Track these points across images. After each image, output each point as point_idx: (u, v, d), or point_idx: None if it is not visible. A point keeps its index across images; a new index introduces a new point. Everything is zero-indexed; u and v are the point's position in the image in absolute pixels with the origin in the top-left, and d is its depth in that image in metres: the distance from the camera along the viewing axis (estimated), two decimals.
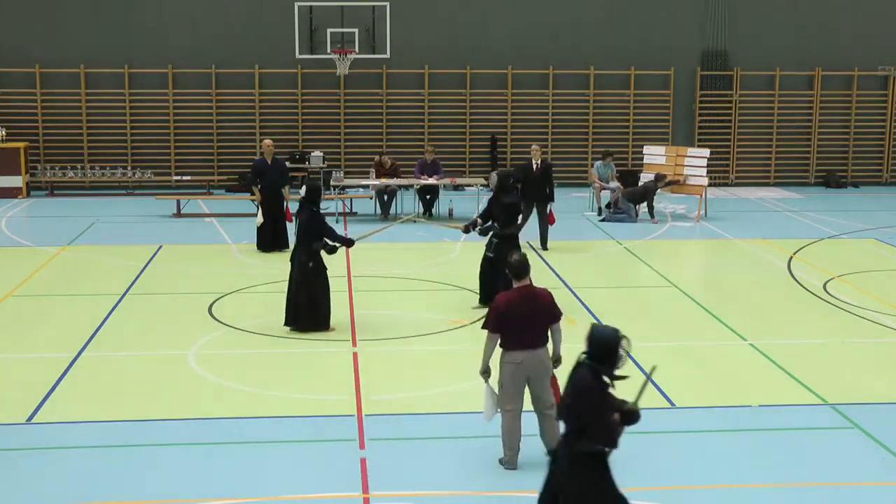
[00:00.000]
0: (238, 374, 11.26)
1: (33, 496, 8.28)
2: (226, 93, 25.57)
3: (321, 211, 12.93)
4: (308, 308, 12.69)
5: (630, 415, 6.57)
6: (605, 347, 6.54)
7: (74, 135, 25.37)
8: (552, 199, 18.06)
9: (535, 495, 7.02)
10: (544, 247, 17.99)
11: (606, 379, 6.54)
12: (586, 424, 6.50)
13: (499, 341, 8.71)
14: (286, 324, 12.83)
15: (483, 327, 8.81)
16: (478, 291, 14.21)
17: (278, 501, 8.23)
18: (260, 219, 17.66)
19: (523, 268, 8.81)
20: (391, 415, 10.04)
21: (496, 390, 8.89)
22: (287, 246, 17.61)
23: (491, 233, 13.91)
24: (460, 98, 25.98)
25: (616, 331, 6.60)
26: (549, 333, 8.79)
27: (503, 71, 25.90)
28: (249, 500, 8.19)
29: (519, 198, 14.04)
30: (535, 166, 18.24)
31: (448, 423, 9.87)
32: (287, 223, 17.68)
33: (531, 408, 8.90)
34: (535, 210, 18.02)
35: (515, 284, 8.84)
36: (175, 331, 12.95)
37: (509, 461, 8.83)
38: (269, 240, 17.73)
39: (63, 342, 12.36)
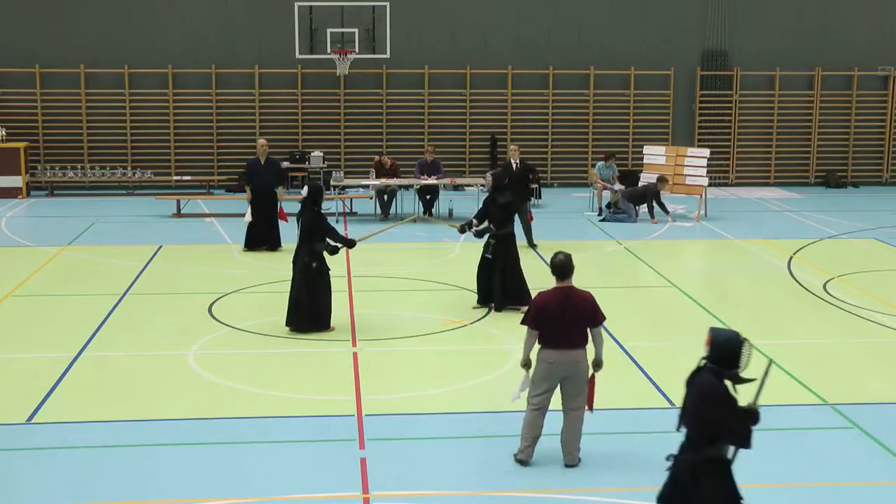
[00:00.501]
0: (238, 374, 11.26)
1: (33, 496, 8.28)
2: (226, 93, 25.56)
3: (323, 211, 12.92)
4: (310, 308, 12.68)
5: (752, 414, 6.58)
6: (728, 350, 6.53)
7: (74, 135, 25.37)
8: (529, 198, 18.35)
9: (536, 495, 7.02)
10: (532, 244, 18.06)
11: (727, 382, 6.54)
12: (719, 429, 6.47)
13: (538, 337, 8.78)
14: (287, 324, 12.83)
15: (522, 323, 8.91)
16: (475, 291, 14.23)
17: (278, 501, 8.23)
18: (248, 217, 17.69)
19: (565, 268, 8.87)
20: (391, 415, 10.04)
21: (530, 378, 8.94)
22: (279, 245, 17.65)
23: (488, 234, 13.93)
24: (460, 98, 25.98)
25: (737, 333, 6.60)
26: (591, 336, 8.79)
27: (503, 71, 25.89)
28: (249, 500, 8.19)
29: (513, 198, 14.05)
30: (514, 165, 18.47)
31: (448, 423, 9.87)
32: (282, 223, 17.67)
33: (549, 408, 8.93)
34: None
35: (557, 284, 8.89)
36: (175, 331, 12.95)
37: (522, 451, 8.82)
38: (258, 238, 17.70)
39: (63, 342, 12.36)
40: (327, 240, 12.70)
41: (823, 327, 13.45)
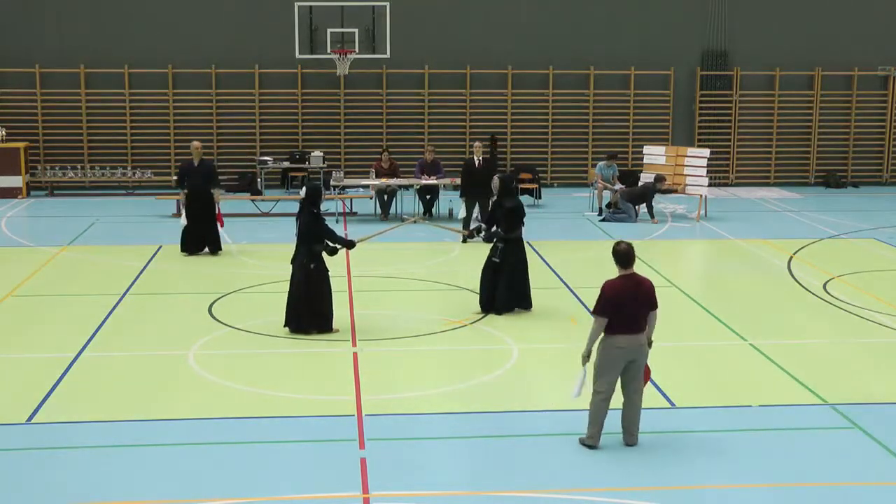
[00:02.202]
0: (238, 374, 11.26)
1: (33, 496, 8.28)
2: (226, 93, 25.57)
3: (321, 212, 12.89)
4: (309, 309, 12.66)
5: None
6: None
7: (74, 135, 25.37)
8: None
9: (535, 495, 7.01)
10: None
11: None
12: None
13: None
14: (286, 324, 12.81)
15: (592, 313, 9.15)
16: (476, 292, 14.10)
17: (278, 501, 8.23)
18: (183, 220, 17.55)
19: (629, 256, 9.16)
20: (391, 415, 10.04)
21: (590, 372, 9.17)
22: (219, 248, 17.64)
23: (496, 238, 13.81)
24: (460, 98, 25.98)
25: None
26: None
27: (503, 71, 25.90)
28: (249, 500, 8.20)
29: (521, 202, 13.94)
30: (477, 162, 18.71)
31: (448, 423, 9.86)
32: (219, 226, 17.63)
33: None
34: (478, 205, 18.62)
35: (620, 272, 9.18)
36: (175, 331, 12.95)
37: (591, 437, 9.11)
38: (194, 242, 17.56)
39: (63, 342, 12.36)
40: (326, 241, 12.68)
41: (823, 327, 13.45)
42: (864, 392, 10.83)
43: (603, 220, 21.36)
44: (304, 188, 12.89)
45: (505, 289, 13.61)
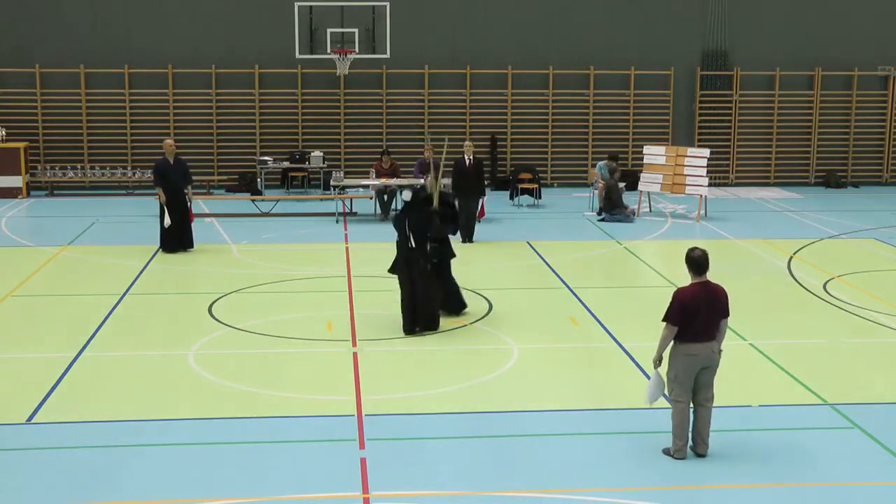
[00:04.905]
0: (238, 374, 11.26)
1: (33, 496, 8.28)
2: (226, 93, 25.57)
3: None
4: (430, 305, 12.83)
5: None
6: None
7: (74, 135, 25.38)
8: (483, 194, 19.51)
9: (535, 495, 7.01)
10: (470, 239, 18.55)
11: None
12: None
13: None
14: (408, 332, 12.68)
15: (664, 320, 8.97)
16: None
17: (278, 501, 8.23)
18: (168, 220, 17.60)
19: (703, 263, 8.98)
20: (391, 415, 10.04)
21: (664, 378, 9.07)
22: (192, 245, 17.74)
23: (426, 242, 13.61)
24: (460, 98, 25.98)
25: None
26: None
27: (503, 71, 25.89)
28: (249, 500, 8.20)
29: (454, 205, 13.86)
30: (467, 161, 19.11)
31: (448, 423, 9.86)
32: (191, 223, 17.86)
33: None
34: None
35: (693, 279, 9.00)
36: (175, 331, 12.95)
37: (679, 451, 8.98)
38: (177, 240, 17.69)
39: (63, 342, 12.36)
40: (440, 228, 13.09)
41: (823, 327, 13.45)
42: (864, 392, 10.84)
43: (602, 220, 21.36)
44: (406, 192, 13.19)
45: (449, 289, 13.50)
